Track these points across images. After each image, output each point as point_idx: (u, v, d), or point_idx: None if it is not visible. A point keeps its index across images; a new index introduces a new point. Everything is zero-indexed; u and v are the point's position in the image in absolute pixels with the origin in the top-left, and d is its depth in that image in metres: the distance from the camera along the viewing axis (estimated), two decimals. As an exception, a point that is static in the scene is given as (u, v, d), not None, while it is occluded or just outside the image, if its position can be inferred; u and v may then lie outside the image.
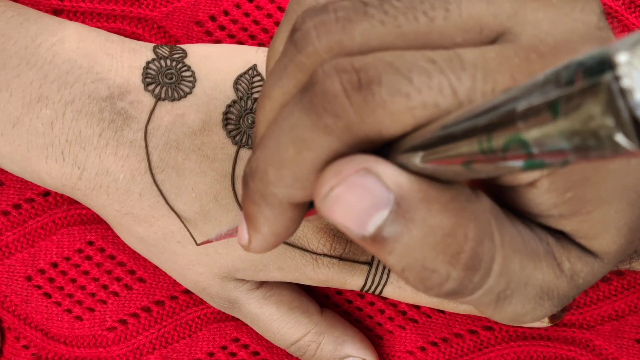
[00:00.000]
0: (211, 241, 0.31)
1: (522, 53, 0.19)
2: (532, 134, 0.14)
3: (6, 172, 0.37)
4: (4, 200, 0.37)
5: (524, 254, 0.21)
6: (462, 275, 0.20)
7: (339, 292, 0.37)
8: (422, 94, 0.19)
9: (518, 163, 0.15)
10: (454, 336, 0.37)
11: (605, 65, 0.13)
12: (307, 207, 0.23)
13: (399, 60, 0.19)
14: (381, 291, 0.34)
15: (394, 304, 0.37)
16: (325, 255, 0.33)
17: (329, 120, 0.19)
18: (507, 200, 0.22)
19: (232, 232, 0.29)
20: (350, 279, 0.34)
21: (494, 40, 0.20)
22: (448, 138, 0.17)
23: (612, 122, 0.13)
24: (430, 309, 0.37)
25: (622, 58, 0.12)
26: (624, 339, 0.37)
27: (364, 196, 0.19)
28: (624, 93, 0.12)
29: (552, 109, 0.14)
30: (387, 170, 0.19)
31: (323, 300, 0.37)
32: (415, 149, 0.19)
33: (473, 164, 0.17)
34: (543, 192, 0.21)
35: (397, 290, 0.34)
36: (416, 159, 0.19)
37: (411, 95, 0.19)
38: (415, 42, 0.20)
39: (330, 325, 0.36)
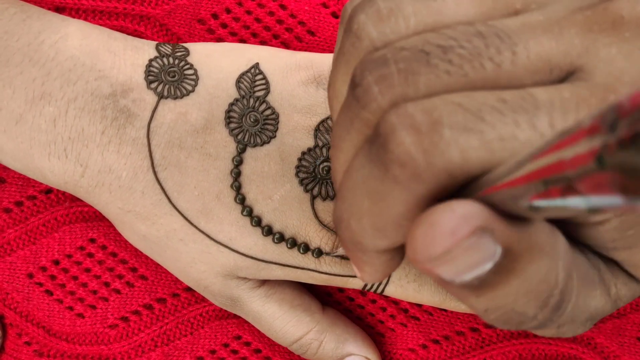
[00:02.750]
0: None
1: (598, 93, 0.18)
2: (584, 185, 0.13)
3: (8, 169, 0.37)
4: (5, 198, 0.37)
5: (586, 284, 0.21)
6: (547, 316, 0.20)
7: (340, 289, 0.37)
8: (497, 129, 0.18)
9: (581, 205, 0.14)
10: (455, 334, 0.37)
11: None
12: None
13: (468, 100, 0.18)
14: (383, 290, 0.34)
15: (395, 302, 0.37)
16: (327, 254, 0.33)
17: (396, 170, 0.18)
18: (565, 230, 0.22)
19: None
20: (352, 278, 0.34)
21: (564, 79, 0.19)
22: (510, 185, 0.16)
23: None
24: (432, 307, 0.37)
25: None
26: (626, 337, 0.37)
27: (475, 255, 0.18)
28: None
29: (598, 160, 0.13)
30: (500, 226, 0.18)
31: (325, 298, 0.37)
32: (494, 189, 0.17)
33: (539, 212, 0.16)
34: (608, 230, 0.21)
35: (399, 289, 0.34)
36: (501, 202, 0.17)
37: (485, 131, 0.18)
38: (481, 88, 0.19)
39: (332, 323, 0.36)
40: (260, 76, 0.34)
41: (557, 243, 0.19)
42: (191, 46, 0.34)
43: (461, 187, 0.19)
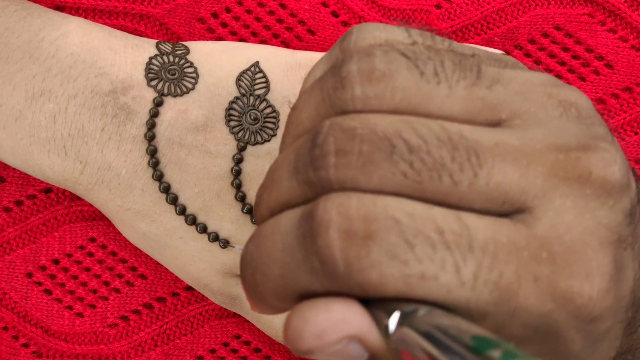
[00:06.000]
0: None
1: (534, 246, 0.19)
2: None
3: (8, 168, 0.37)
4: (5, 197, 0.37)
5: None
6: None
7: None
8: (422, 265, 0.18)
9: None
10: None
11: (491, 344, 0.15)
12: None
13: (407, 220, 0.18)
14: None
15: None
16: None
17: (316, 264, 0.19)
18: None
19: None
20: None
21: (511, 212, 0.20)
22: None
23: None
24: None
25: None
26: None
27: (340, 357, 0.19)
28: None
29: None
30: (370, 336, 0.18)
31: (325, 298, 0.37)
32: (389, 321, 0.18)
33: None
34: None
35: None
36: (392, 330, 0.18)
37: (410, 263, 0.18)
38: (431, 198, 0.19)
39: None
40: (260, 74, 0.34)
41: None
42: (191, 44, 0.34)
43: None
